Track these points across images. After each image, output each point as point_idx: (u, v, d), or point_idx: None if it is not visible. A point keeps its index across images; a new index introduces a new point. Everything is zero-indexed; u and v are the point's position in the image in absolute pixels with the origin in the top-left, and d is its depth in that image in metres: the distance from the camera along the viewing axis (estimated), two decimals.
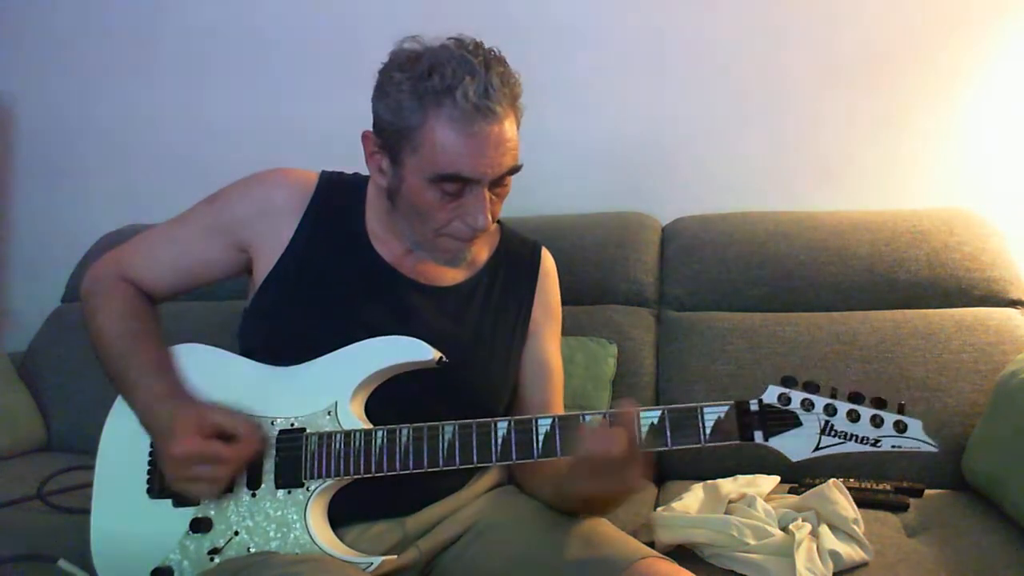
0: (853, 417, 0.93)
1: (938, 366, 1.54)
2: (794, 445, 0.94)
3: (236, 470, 1.02)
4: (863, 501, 1.31)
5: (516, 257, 1.26)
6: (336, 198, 1.19)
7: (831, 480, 1.29)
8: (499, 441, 0.99)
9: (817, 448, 0.94)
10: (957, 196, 1.85)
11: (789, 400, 0.95)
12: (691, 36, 2.02)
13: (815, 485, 1.30)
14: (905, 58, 1.91)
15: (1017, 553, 1.15)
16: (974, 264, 1.66)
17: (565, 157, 2.06)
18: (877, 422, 0.93)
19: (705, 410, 0.96)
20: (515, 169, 1.07)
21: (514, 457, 0.99)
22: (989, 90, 1.88)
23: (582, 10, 2.07)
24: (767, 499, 1.31)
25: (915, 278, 1.66)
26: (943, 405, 1.50)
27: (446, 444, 1.00)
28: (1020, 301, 1.65)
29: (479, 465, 1.01)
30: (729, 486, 1.33)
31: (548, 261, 1.29)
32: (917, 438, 0.92)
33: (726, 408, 0.96)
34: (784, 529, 1.20)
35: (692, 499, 1.31)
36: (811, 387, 0.95)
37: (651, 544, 1.14)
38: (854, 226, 1.74)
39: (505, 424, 1.00)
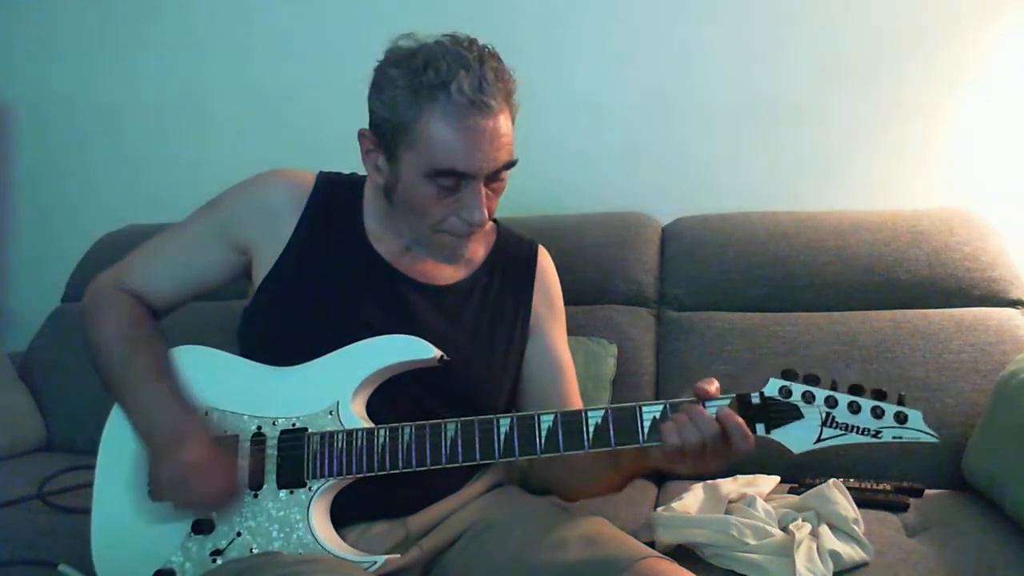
0: (854, 409, 0.94)
1: (938, 366, 1.54)
2: (796, 437, 0.95)
3: (194, 507, 1.03)
4: (863, 501, 1.31)
5: (513, 255, 1.26)
6: (334, 198, 1.19)
7: (831, 480, 1.28)
8: (502, 437, 1.00)
9: (819, 440, 0.94)
10: (957, 196, 1.85)
11: (790, 393, 0.96)
12: (690, 37, 2.02)
13: (815, 485, 1.30)
14: (904, 57, 1.91)
15: (1017, 553, 1.15)
16: (974, 264, 1.66)
17: (565, 157, 2.06)
18: (878, 413, 0.93)
19: (707, 404, 0.96)
20: (510, 164, 1.07)
21: (517, 453, 0.99)
22: (989, 90, 1.88)
23: (582, 11, 2.07)
24: (767, 499, 1.31)
25: (915, 278, 1.66)
26: (943, 405, 1.50)
27: (449, 442, 1.00)
28: (1020, 301, 1.65)
29: (482, 462, 1.01)
30: (729, 486, 1.33)
31: (545, 258, 1.29)
32: (918, 428, 0.92)
33: (727, 401, 0.96)
34: (784, 529, 1.20)
35: (692, 499, 1.30)
36: (812, 380, 0.96)
37: (651, 544, 1.14)
38: (854, 226, 1.74)
39: (508, 421, 1.00)
